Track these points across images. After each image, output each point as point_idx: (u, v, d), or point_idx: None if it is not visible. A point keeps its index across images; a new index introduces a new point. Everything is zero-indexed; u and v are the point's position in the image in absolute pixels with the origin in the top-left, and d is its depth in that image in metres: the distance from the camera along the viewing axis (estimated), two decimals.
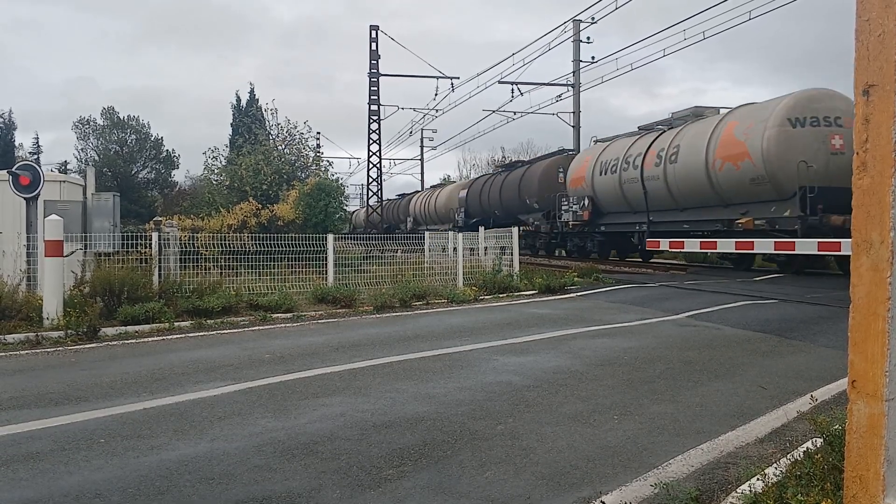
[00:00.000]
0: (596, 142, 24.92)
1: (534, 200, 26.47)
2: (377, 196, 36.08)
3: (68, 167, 41.69)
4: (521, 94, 31.64)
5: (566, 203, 23.70)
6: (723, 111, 18.14)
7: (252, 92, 32.94)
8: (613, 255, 23.80)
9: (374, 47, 33.75)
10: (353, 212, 35.29)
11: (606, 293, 12.88)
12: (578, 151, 27.50)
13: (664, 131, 19.77)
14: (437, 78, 33.86)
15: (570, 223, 23.34)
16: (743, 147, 15.89)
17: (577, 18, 28.66)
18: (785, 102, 15.44)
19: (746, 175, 15.80)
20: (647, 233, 19.79)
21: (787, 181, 14.81)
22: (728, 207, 16.85)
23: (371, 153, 35.06)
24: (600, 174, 21.92)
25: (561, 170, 25.51)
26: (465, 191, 34.57)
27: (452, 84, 33.82)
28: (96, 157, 41.71)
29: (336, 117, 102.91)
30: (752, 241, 15.55)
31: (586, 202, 22.47)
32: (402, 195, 51.03)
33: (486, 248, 15.80)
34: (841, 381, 5.19)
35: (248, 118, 28.01)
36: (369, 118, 34.53)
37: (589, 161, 23.03)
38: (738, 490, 3.14)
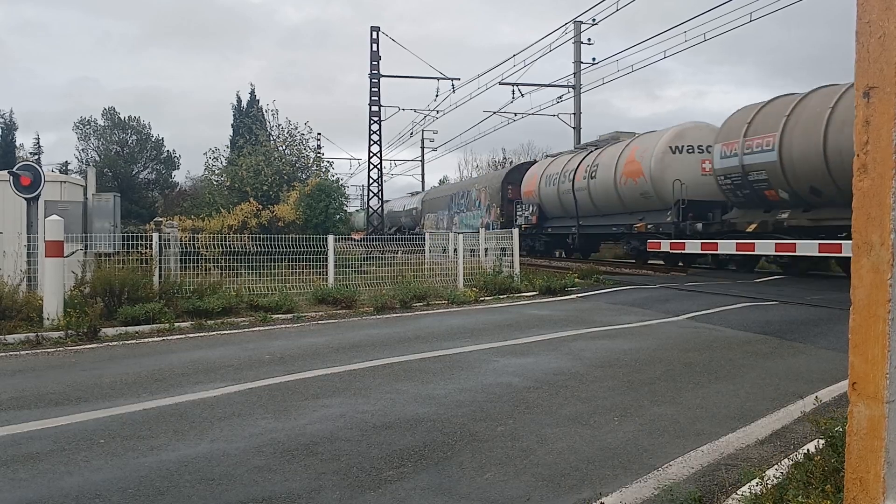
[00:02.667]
0: (546, 156, 29.94)
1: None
2: (378, 197, 36.09)
3: (69, 168, 41.74)
4: (522, 95, 31.71)
5: (520, 209, 28.11)
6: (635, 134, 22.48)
7: (253, 93, 32.99)
8: (559, 254, 27.66)
9: (374, 48, 33.81)
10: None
11: (607, 295, 12.88)
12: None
13: (591, 151, 23.89)
14: (438, 79, 33.92)
15: (523, 226, 26.80)
16: (639, 166, 19.99)
17: (577, 20, 28.67)
18: (668, 133, 19.46)
19: (640, 189, 19.99)
20: (578, 235, 24.30)
21: (668, 195, 18.76)
22: (632, 214, 20.84)
23: (371, 154, 35.10)
24: (545, 185, 26.14)
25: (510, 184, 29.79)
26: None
27: (453, 85, 33.84)
28: (97, 158, 41.75)
29: (338, 119, 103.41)
30: (753, 243, 15.68)
31: (534, 208, 26.99)
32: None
33: (486, 249, 15.80)
34: (841, 382, 5.19)
35: (249, 119, 27.96)
36: (370, 119, 34.56)
37: (537, 174, 27.24)
38: (738, 492, 3.14)
